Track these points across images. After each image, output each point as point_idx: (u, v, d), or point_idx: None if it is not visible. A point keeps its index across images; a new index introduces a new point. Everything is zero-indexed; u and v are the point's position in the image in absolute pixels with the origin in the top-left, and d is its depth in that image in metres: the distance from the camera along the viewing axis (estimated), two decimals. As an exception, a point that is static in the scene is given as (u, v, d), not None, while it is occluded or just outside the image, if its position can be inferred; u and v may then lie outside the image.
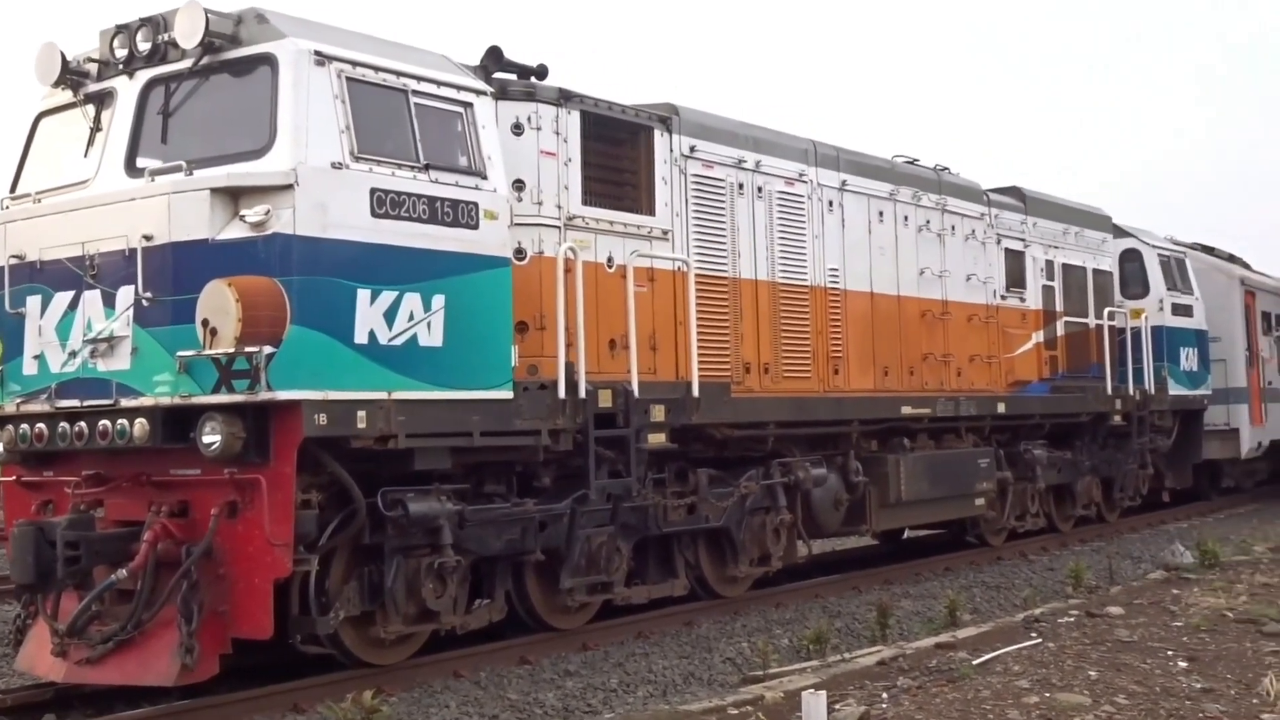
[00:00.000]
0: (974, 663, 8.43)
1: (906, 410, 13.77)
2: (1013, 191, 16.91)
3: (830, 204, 13.20)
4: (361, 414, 8.20)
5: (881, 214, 13.95)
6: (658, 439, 10.49)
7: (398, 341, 8.48)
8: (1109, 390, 17.59)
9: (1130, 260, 19.83)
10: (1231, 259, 24.78)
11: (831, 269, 13.07)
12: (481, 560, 9.58)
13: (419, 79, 8.96)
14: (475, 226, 9.02)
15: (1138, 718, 7.02)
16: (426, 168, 8.79)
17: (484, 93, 9.48)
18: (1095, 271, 18.24)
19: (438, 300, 8.71)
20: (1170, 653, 8.73)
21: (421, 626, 9.19)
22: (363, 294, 8.28)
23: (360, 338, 8.27)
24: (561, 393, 9.58)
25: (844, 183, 13.39)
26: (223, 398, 7.89)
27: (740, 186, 12.03)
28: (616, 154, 10.79)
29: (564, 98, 10.23)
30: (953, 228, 15.13)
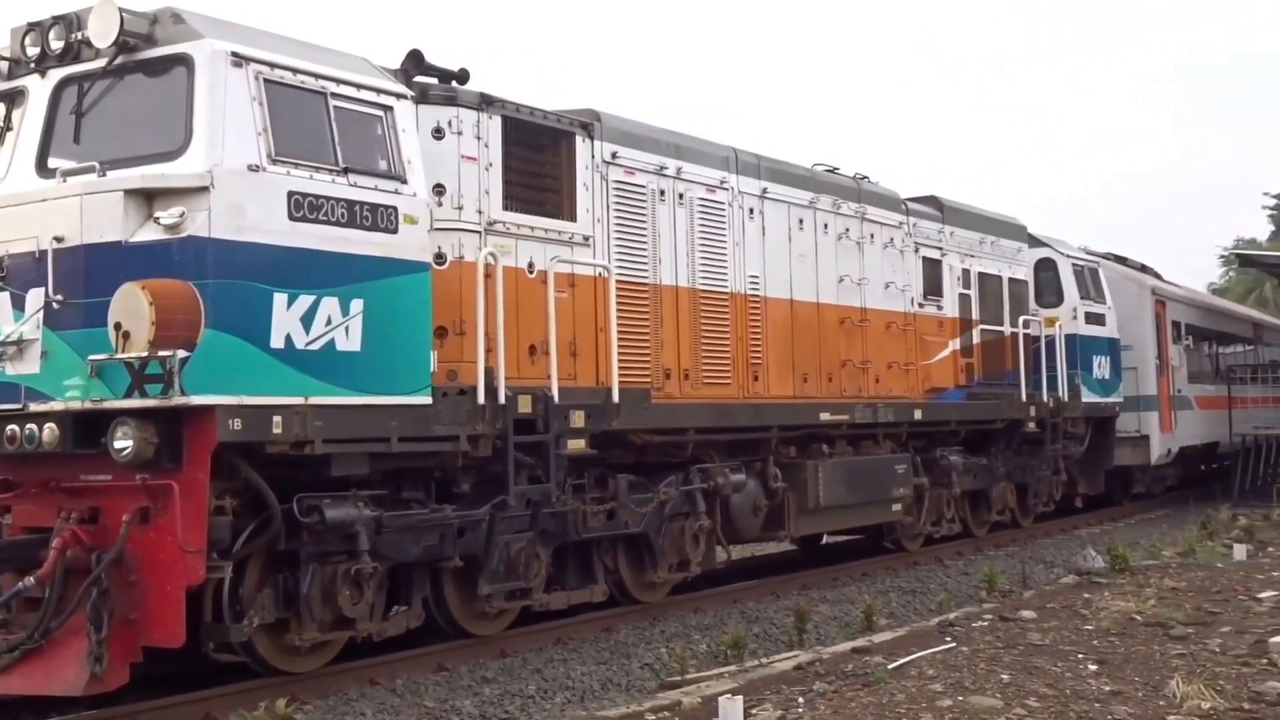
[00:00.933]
0: (889, 667, 8.50)
1: (825, 417, 13.88)
2: (930, 201, 17.12)
3: (751, 211, 13.28)
4: (277, 419, 8.12)
5: (802, 222, 14.06)
6: (578, 445, 10.49)
7: (315, 346, 8.40)
8: (1024, 397, 17.86)
9: (1045, 269, 20.14)
10: (1143, 269, 25.29)
11: (752, 276, 13.15)
12: (399, 567, 9.52)
13: (338, 81, 8.90)
14: (395, 231, 8.97)
15: (1048, 719, 7.14)
16: (345, 171, 8.72)
17: (404, 96, 9.43)
18: (1011, 280, 18.51)
19: (356, 305, 8.64)
20: (1081, 656, 8.86)
21: (337, 634, 9.10)
22: (279, 298, 8.20)
23: (276, 342, 8.18)
24: (481, 398, 9.55)
25: (765, 190, 13.48)
26: (135, 402, 7.77)
27: (662, 193, 12.07)
28: (538, 159, 10.78)
29: (485, 102, 10.20)
30: (872, 236, 15.28)
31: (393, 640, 9.86)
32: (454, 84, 10.19)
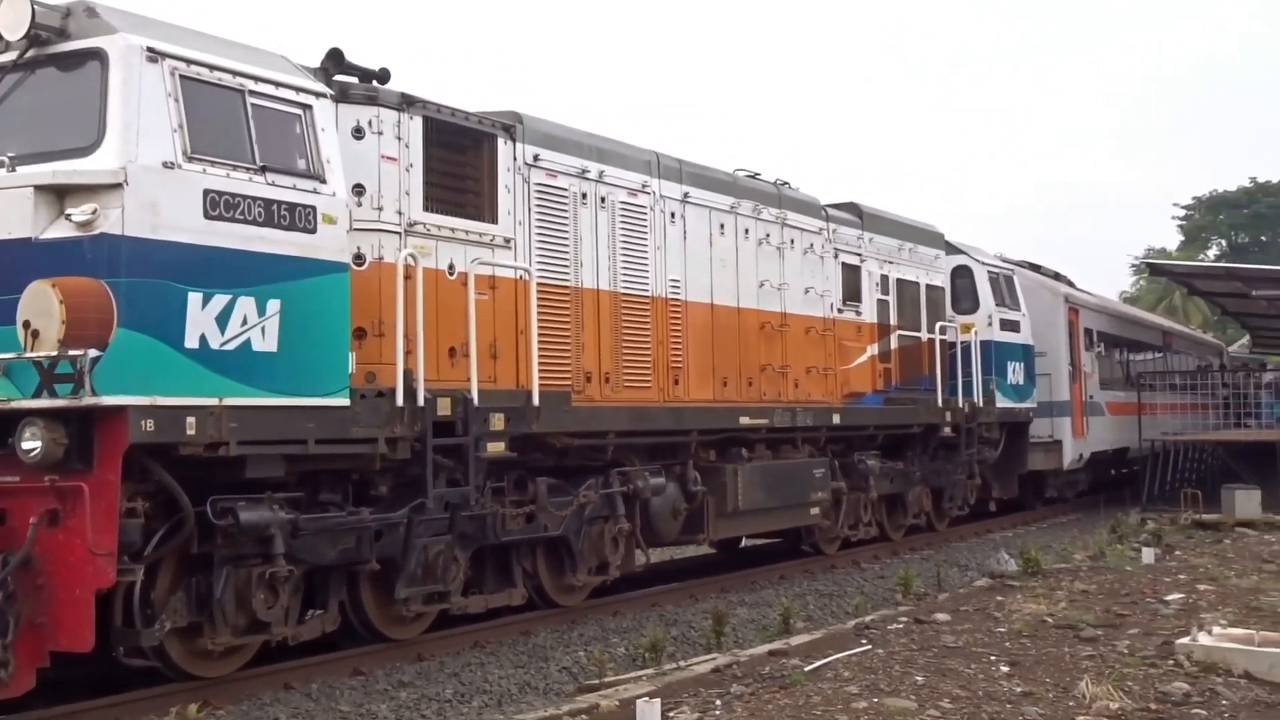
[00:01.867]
0: (806, 669, 8.55)
1: (745, 420, 13.95)
2: (850, 207, 17.27)
3: (673, 215, 13.32)
4: (191, 420, 8.00)
5: (723, 226, 14.13)
6: (497, 448, 10.45)
7: (230, 346, 8.29)
8: (940, 402, 18.08)
9: (961, 276, 20.38)
10: (1056, 276, 25.69)
11: (673, 280, 13.19)
12: (315, 570, 9.43)
13: (256, 79, 8.79)
14: (313, 231, 8.89)
15: (961, 721, 7.22)
16: (263, 170, 8.62)
17: (324, 95, 9.34)
18: (928, 287, 18.72)
19: (273, 305, 8.54)
20: (993, 657, 8.97)
21: (251, 638, 9.00)
22: (194, 297, 8.08)
23: (191, 342, 8.06)
24: (400, 400, 9.48)
25: (686, 195, 13.53)
26: (44, 402, 7.62)
27: (583, 196, 12.06)
28: (459, 161, 10.73)
29: (406, 103, 10.14)
30: (792, 241, 15.39)
31: (308, 644, 9.76)
32: (375, 83, 10.11)
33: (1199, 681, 8.04)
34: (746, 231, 14.52)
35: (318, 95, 9.26)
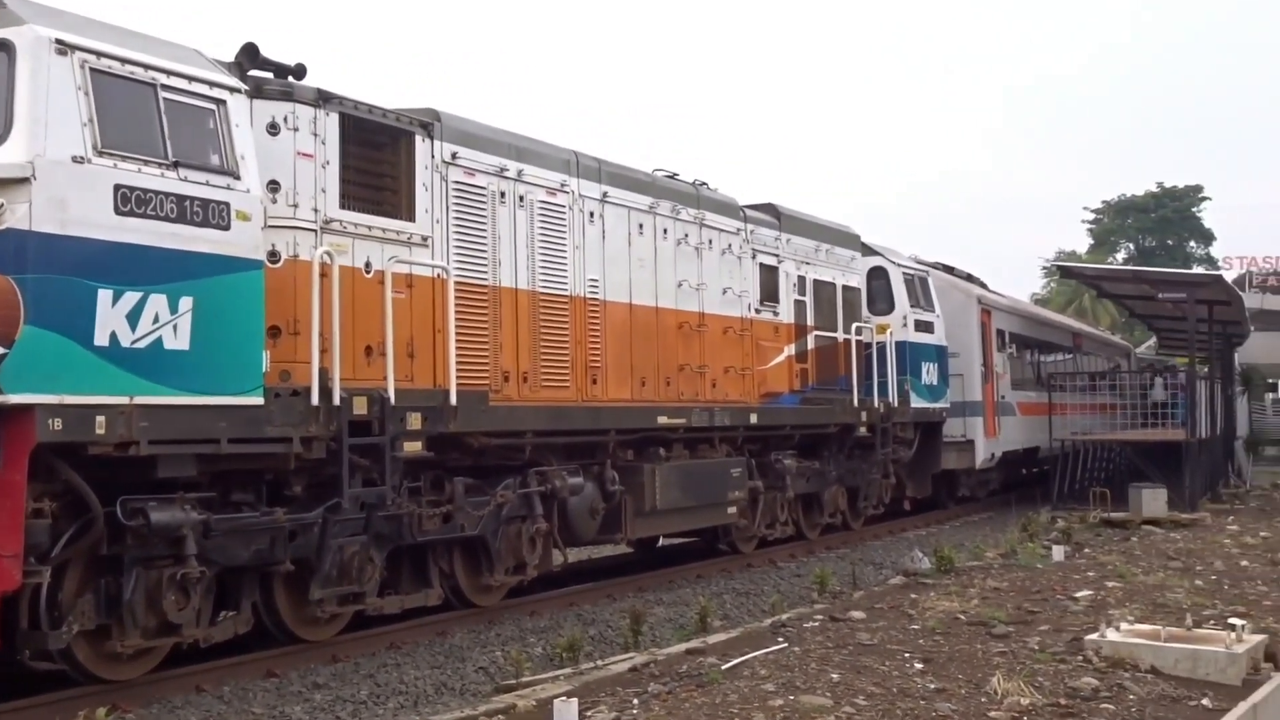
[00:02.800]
0: (723, 667, 8.59)
1: (663, 420, 13.99)
2: (768, 208, 17.37)
3: (591, 215, 13.31)
4: (100, 419, 7.86)
5: (641, 226, 14.15)
6: (414, 447, 10.38)
7: (141, 344, 8.15)
8: (855, 403, 18.25)
9: (877, 278, 20.58)
10: (969, 278, 26.03)
11: (591, 280, 13.19)
12: (228, 571, 9.31)
13: (169, 73, 8.65)
14: (227, 227, 8.76)
15: (875, 718, 7.28)
16: (176, 165, 8.49)
17: (238, 90, 9.21)
18: (845, 288, 18.87)
19: (185, 302, 8.41)
20: (907, 655, 9.07)
21: (161, 640, 8.86)
22: (104, 294, 7.94)
23: (101, 340, 7.92)
24: (315, 399, 9.39)
25: (605, 194, 13.53)
26: (-53, 401, 7.44)
27: (502, 195, 12.01)
28: (377, 158, 10.64)
29: (322, 99, 10.03)
30: (710, 242, 15.45)
31: (220, 646, 9.63)
32: (290, 79, 9.99)
33: (1107, 677, 8.19)
34: (665, 231, 14.55)
35: (232, 90, 9.13)
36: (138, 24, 9.04)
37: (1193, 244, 79.01)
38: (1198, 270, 57.19)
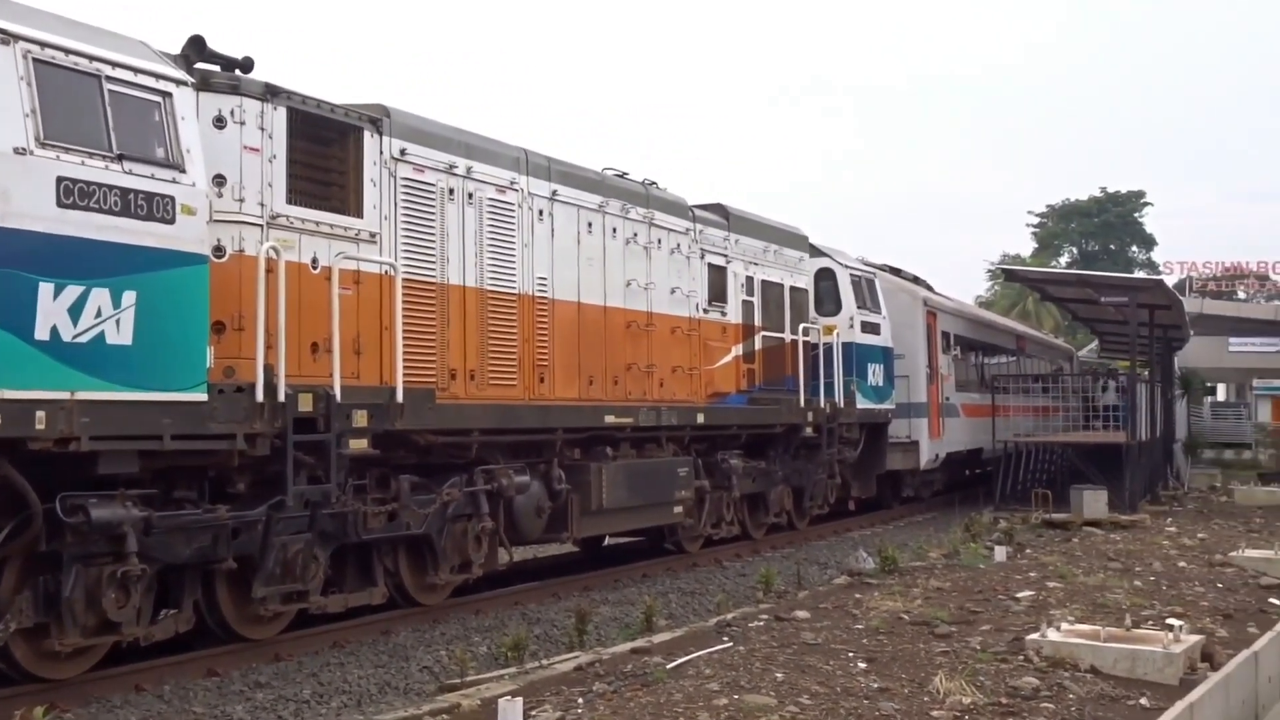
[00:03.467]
0: (668, 667, 8.60)
1: (610, 419, 13.98)
2: (717, 208, 17.40)
3: (540, 213, 13.29)
4: (40, 414, 7.75)
5: (590, 225, 14.13)
6: (359, 445, 10.31)
7: (83, 339, 8.04)
8: (802, 403, 18.33)
9: (825, 279, 20.67)
10: (916, 280, 26.22)
11: (540, 278, 13.16)
12: (169, 568, 9.21)
13: (114, 65, 8.55)
14: (171, 221, 8.67)
15: (819, 717, 7.32)
16: (120, 158, 8.38)
17: (185, 83, 9.12)
18: (792, 289, 18.95)
19: (128, 297, 8.31)
20: (851, 654, 9.12)
21: (101, 639, 8.76)
22: (45, 287, 7.82)
23: (41, 334, 7.80)
24: (259, 396, 9.30)
25: (554, 193, 13.51)
26: (-117, 395, 7.32)
27: (451, 192, 11.96)
28: (324, 153, 10.56)
29: (270, 93, 9.95)
30: (659, 241, 15.46)
31: (161, 645, 9.53)
32: (237, 72, 9.91)
33: (1048, 676, 8.28)
34: (614, 230, 14.55)
35: (178, 83, 9.03)
36: (85, 15, 8.92)
37: (1134, 248, 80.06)
38: (1139, 275, 57.90)
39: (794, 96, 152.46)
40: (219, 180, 9.53)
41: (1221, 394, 60.27)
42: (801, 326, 18.77)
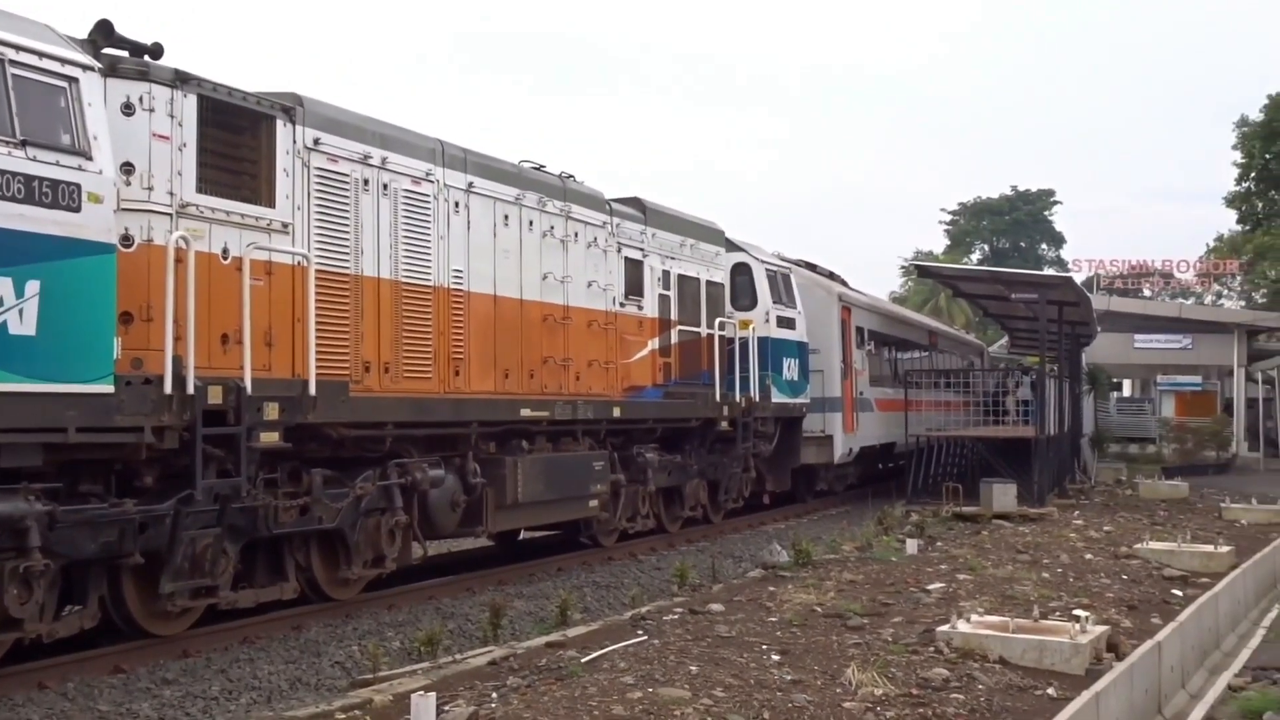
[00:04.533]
0: (583, 661, 8.60)
1: (526, 413, 13.94)
2: (634, 202, 17.40)
3: (457, 205, 13.19)
4: (-61, 406, 7.55)
5: (507, 218, 14.06)
6: (270, 438, 10.17)
7: (-16, 329, 7.85)
8: (718, 397, 18.38)
9: (741, 273, 20.74)
10: (831, 276, 26.42)
11: (456, 270, 13.07)
12: (74, 564, 9.03)
13: (17, 48, 8.35)
14: (77, 209, 8.48)
15: (733, 709, 7.35)
16: (23, 144, 8.19)
17: (91, 68, 8.93)
18: (708, 283, 19.01)
19: (31, 286, 8.12)
20: (765, 646, 9.18)
21: (3, 636, 8.56)
22: (-55, 276, 7.63)
23: (-60, 323, 7.61)
24: (168, 388, 9.14)
25: (471, 184, 13.42)
26: None
27: (365, 182, 11.84)
28: (236, 142, 10.39)
29: (180, 79, 9.76)
30: (576, 234, 15.43)
31: (65, 642, 9.33)
32: (146, 58, 9.70)
33: (958, 667, 8.40)
34: (531, 223, 14.49)
35: (84, 68, 8.84)
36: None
37: (1044, 246, 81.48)
38: (1049, 272, 58.88)
39: (706, 91, 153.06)
40: (127, 168, 9.34)
41: (1127, 390, 61.57)
42: (717, 321, 18.83)
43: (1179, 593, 12.42)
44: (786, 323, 21.53)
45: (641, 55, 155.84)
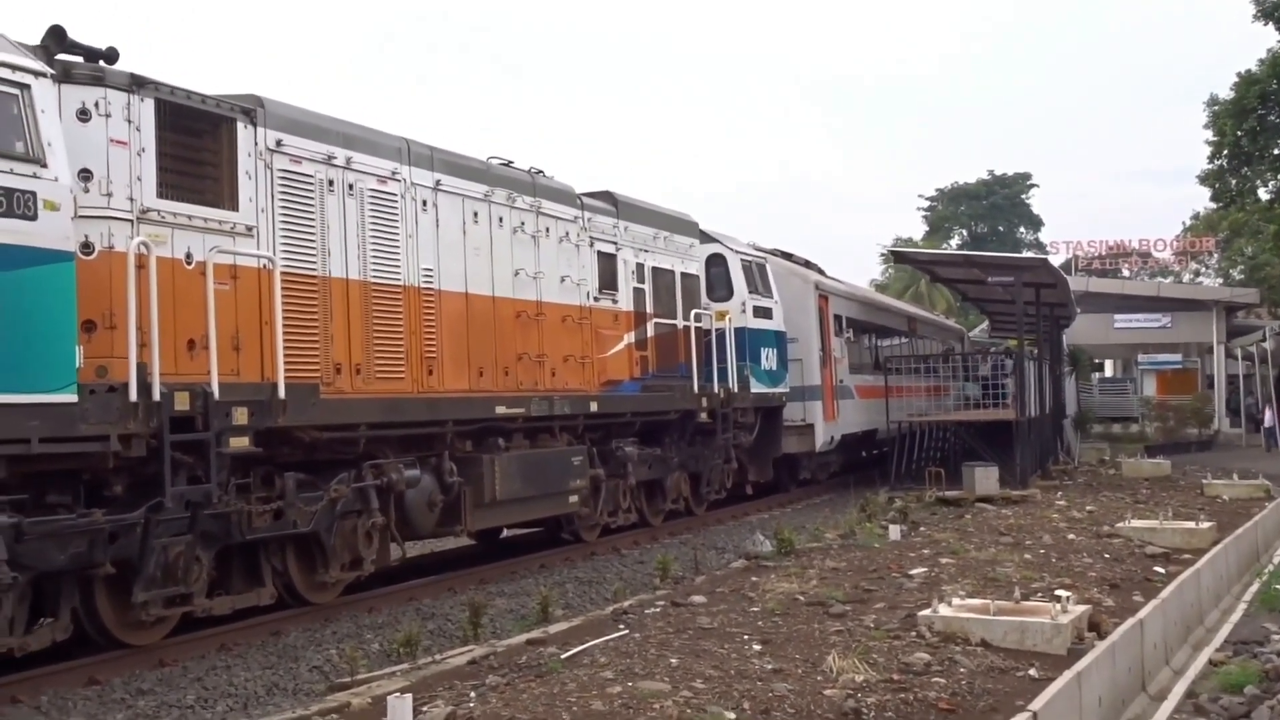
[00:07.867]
0: (562, 657, 8.53)
1: (501, 410, 13.84)
2: (605, 196, 17.32)
3: (425, 203, 13.09)
4: (-103, 420, 7.43)
5: (476, 215, 13.96)
6: (240, 442, 10.06)
7: (-59, 341, 7.73)
8: (696, 389, 18.32)
9: (716, 264, 20.69)
10: (807, 265, 26.37)
11: (426, 269, 12.96)
12: (44, 576, 8.91)
13: (-34, 56, 8.22)
14: (33, 217, 8.37)
15: (712, 700, 7.28)
16: (-25, 153, 8.07)
17: (44, 74, 8.81)
18: (683, 275, 18.94)
19: (-11, 296, 8.00)
20: (746, 637, 9.11)
21: (-28, 651, 8.44)
22: (-101, 288, 7.51)
23: (-104, 336, 7.49)
24: (133, 395, 9.03)
25: (438, 182, 13.32)
26: None
27: (330, 183, 11.73)
28: (196, 145, 10.28)
29: (136, 84, 9.64)
30: (547, 230, 15.33)
31: (40, 654, 9.22)
32: (101, 63, 9.58)
33: (939, 651, 8.34)
34: (501, 220, 14.39)
35: (37, 74, 8.72)
36: None
37: (1022, 229, 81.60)
38: (1027, 254, 58.98)
39: (678, 82, 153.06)
40: (85, 175, 9.22)
41: (1109, 370, 61.78)
42: (694, 313, 18.77)
43: (1161, 570, 12.40)
44: (763, 312, 21.47)
45: (619, 50, 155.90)
